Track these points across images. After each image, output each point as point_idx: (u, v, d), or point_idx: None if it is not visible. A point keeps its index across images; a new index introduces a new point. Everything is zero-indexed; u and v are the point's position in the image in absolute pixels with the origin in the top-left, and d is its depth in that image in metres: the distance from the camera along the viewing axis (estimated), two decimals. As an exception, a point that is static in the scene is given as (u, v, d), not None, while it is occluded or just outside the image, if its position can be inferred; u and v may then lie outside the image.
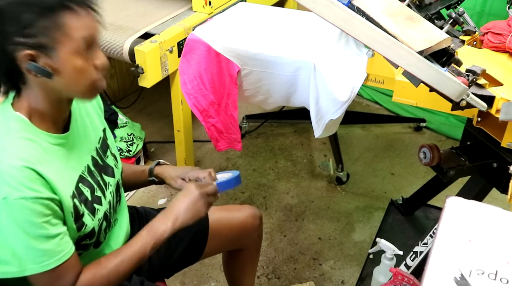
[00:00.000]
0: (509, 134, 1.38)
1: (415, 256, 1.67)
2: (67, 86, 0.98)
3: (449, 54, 1.08)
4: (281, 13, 2.08)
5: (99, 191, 1.11)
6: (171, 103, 2.15)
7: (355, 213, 2.28)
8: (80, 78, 0.97)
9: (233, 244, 1.48)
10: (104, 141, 1.19)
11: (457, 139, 2.63)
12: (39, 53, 0.92)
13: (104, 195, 1.13)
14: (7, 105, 1.01)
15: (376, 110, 3.01)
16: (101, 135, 1.18)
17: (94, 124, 1.17)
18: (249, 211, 1.47)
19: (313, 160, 2.61)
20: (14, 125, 0.98)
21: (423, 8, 1.44)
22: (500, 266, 0.82)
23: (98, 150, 1.15)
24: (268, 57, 1.77)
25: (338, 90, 1.65)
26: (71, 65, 0.95)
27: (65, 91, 0.99)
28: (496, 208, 0.92)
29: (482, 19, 2.46)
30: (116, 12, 2.15)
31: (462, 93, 1.08)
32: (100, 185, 1.12)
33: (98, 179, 1.12)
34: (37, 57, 0.93)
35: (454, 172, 1.48)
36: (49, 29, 0.91)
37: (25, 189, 0.92)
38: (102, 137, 1.19)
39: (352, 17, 1.03)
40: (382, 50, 1.05)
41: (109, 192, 1.16)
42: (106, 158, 1.18)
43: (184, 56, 1.87)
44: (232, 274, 1.59)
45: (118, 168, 1.22)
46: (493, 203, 0.94)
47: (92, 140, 1.15)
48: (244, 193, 2.38)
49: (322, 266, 2.03)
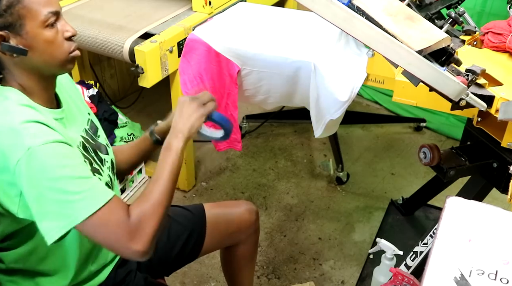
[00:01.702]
0: (509, 134, 1.37)
1: (415, 256, 1.67)
2: (44, 61, 1.01)
3: (448, 53, 1.07)
4: (281, 13, 2.08)
5: (96, 165, 1.12)
6: (171, 103, 2.15)
7: (355, 213, 2.28)
8: (53, 51, 1.00)
9: (230, 239, 1.49)
10: (92, 122, 1.21)
11: (457, 139, 2.63)
12: (9, 33, 0.96)
13: (102, 169, 1.14)
14: None
15: (376, 110, 3.01)
16: (88, 117, 1.21)
17: (78, 106, 1.19)
18: (246, 206, 1.49)
19: (313, 160, 2.61)
20: (12, 95, 1.00)
21: (423, 8, 1.43)
22: (500, 266, 0.82)
23: (87, 131, 1.17)
24: (268, 57, 1.77)
25: (338, 90, 1.65)
26: (42, 38, 0.98)
27: (44, 66, 1.02)
28: (496, 208, 0.92)
29: (482, 19, 2.46)
30: (116, 12, 2.15)
31: (461, 92, 1.08)
32: (95, 160, 1.13)
33: (93, 155, 1.13)
34: (7, 37, 0.96)
35: (454, 172, 1.48)
36: (11, 7, 0.94)
37: (44, 135, 0.94)
38: (90, 119, 1.21)
39: (351, 16, 1.03)
40: (381, 50, 1.05)
41: (106, 168, 1.17)
42: (97, 137, 1.20)
43: (184, 56, 1.87)
44: (230, 271, 1.60)
45: (110, 147, 1.24)
46: (493, 203, 0.94)
47: (80, 121, 1.16)
48: (244, 193, 2.38)
49: (322, 266, 2.03)
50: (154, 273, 1.37)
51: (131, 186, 2.35)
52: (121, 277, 1.25)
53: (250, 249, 1.54)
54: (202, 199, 2.35)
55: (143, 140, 1.35)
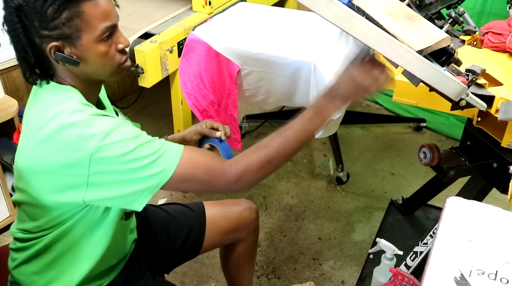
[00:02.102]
0: (509, 134, 1.37)
1: (415, 256, 1.67)
2: (94, 71, 1.05)
3: (448, 53, 1.07)
4: (281, 13, 2.08)
5: None
6: (171, 103, 2.15)
7: (355, 213, 2.28)
8: (105, 63, 1.04)
9: (230, 237, 1.49)
10: None
11: (457, 139, 2.62)
12: (64, 43, 0.99)
13: None
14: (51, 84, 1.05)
15: (376, 110, 3.01)
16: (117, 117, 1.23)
17: (110, 108, 1.25)
18: (245, 205, 1.50)
19: (313, 160, 2.61)
20: (75, 96, 1.04)
21: (423, 8, 1.43)
22: (500, 266, 0.82)
23: None
24: (268, 57, 1.77)
25: (338, 90, 1.64)
26: (95, 51, 1.01)
27: (93, 74, 1.06)
28: (496, 208, 0.92)
29: (482, 19, 2.46)
30: (116, 12, 2.15)
31: (461, 92, 1.08)
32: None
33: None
34: (63, 47, 0.99)
35: (454, 172, 1.48)
36: (71, 20, 0.97)
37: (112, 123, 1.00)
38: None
39: (351, 16, 1.03)
40: (381, 49, 1.05)
41: None
42: None
43: (184, 56, 1.87)
44: (230, 269, 1.60)
45: None
46: (493, 203, 0.94)
47: None
48: (244, 193, 2.38)
49: (322, 266, 2.03)
50: (154, 271, 1.37)
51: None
52: (132, 274, 1.27)
53: (249, 247, 1.54)
54: (202, 199, 2.33)
55: None
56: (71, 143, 0.97)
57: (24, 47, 0.99)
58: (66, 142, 0.97)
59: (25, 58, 1.01)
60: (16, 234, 1.15)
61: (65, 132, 0.97)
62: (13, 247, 1.17)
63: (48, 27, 0.97)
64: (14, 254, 1.17)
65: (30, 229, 1.12)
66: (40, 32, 0.97)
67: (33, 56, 1.00)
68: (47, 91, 1.04)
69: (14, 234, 1.16)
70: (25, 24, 0.97)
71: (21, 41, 0.99)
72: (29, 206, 1.09)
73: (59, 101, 1.02)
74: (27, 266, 1.14)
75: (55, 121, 0.98)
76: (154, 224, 1.40)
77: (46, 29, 0.97)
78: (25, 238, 1.13)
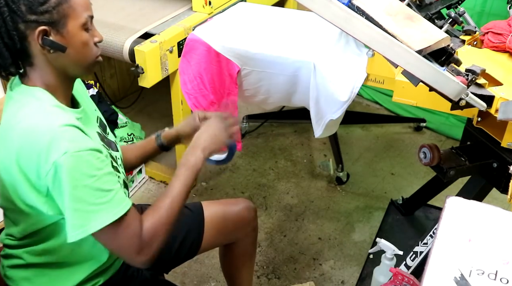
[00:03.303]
0: (509, 134, 1.37)
1: (415, 256, 1.67)
2: (76, 61, 1.05)
3: (448, 53, 1.08)
4: (281, 13, 2.08)
5: (114, 162, 1.15)
6: (171, 103, 2.15)
7: (355, 213, 2.28)
8: (85, 53, 1.05)
9: (229, 237, 1.49)
10: (100, 120, 1.23)
11: (457, 139, 2.63)
12: (51, 29, 0.99)
13: (118, 166, 1.17)
14: (19, 85, 1.05)
15: (376, 110, 3.01)
16: (96, 115, 1.23)
17: (88, 105, 1.21)
18: (244, 204, 1.49)
19: (313, 160, 2.61)
20: (42, 96, 1.03)
21: (423, 8, 1.43)
22: (500, 266, 0.82)
23: (98, 128, 1.19)
24: (268, 57, 1.77)
25: (338, 90, 1.65)
26: (79, 39, 1.03)
27: (73, 66, 1.06)
28: (496, 208, 0.92)
29: (482, 19, 2.46)
30: (116, 12, 2.15)
31: (461, 92, 1.08)
32: (112, 157, 1.16)
33: (109, 152, 1.16)
34: (49, 33, 1.00)
35: (454, 172, 1.48)
36: (60, 4, 0.99)
37: (80, 142, 0.98)
38: (98, 116, 1.23)
39: (350, 16, 1.03)
40: (380, 49, 1.05)
41: (119, 165, 1.20)
42: (107, 135, 1.22)
43: (184, 56, 1.87)
44: (229, 269, 1.60)
45: (118, 144, 1.27)
46: (493, 203, 0.94)
47: (92, 119, 1.19)
48: (244, 193, 2.38)
49: (322, 266, 2.03)
50: (153, 271, 1.37)
51: (131, 186, 2.35)
52: (130, 273, 1.27)
53: (249, 247, 1.54)
54: (202, 199, 2.33)
55: (148, 143, 1.38)
56: (35, 149, 0.96)
57: (10, 32, 0.98)
58: (31, 148, 0.96)
59: (8, 45, 0.99)
60: (4, 240, 1.16)
61: (31, 137, 0.97)
62: (3, 253, 1.17)
63: (37, 12, 0.97)
64: (4, 261, 1.17)
65: (15, 234, 1.12)
66: (27, 16, 0.97)
67: (18, 41, 0.99)
68: (18, 93, 1.04)
69: (2, 240, 1.17)
70: (11, 8, 0.96)
71: (7, 26, 0.97)
72: (9, 211, 1.10)
73: (28, 104, 1.01)
74: (17, 272, 1.15)
75: (23, 123, 0.98)
76: None
77: (35, 13, 0.97)
78: (12, 244, 1.13)
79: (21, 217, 1.07)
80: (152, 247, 1.05)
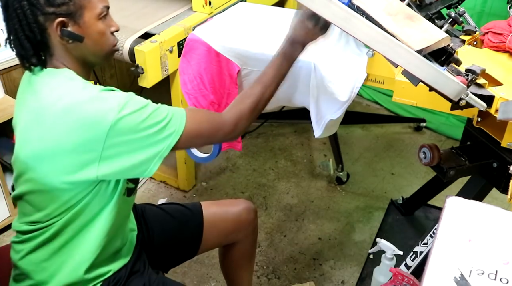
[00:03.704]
0: (509, 134, 1.37)
1: (415, 256, 1.67)
2: (93, 50, 1.10)
3: (448, 53, 1.07)
4: (281, 13, 2.08)
5: None
6: (171, 103, 2.15)
7: (355, 213, 2.28)
8: (103, 42, 1.11)
9: (228, 237, 1.49)
10: None
11: (457, 140, 2.62)
12: (69, 20, 1.04)
13: None
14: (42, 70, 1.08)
15: (376, 110, 3.01)
16: None
17: None
18: (244, 205, 1.49)
19: (313, 160, 2.61)
20: (72, 75, 1.07)
21: (423, 8, 1.43)
22: (500, 266, 0.82)
23: None
24: (268, 57, 1.75)
25: (338, 90, 1.64)
26: (96, 29, 1.08)
27: (91, 55, 1.11)
28: (496, 208, 0.92)
29: (482, 19, 2.46)
30: (116, 12, 2.14)
31: (461, 92, 1.08)
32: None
33: None
34: (67, 24, 1.05)
35: (454, 172, 1.48)
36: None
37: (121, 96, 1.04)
38: None
39: (350, 15, 1.03)
40: (380, 49, 1.05)
41: None
42: None
43: (184, 56, 1.87)
44: (228, 270, 1.60)
45: None
46: (493, 203, 0.94)
47: None
48: (244, 193, 2.38)
49: (322, 266, 2.03)
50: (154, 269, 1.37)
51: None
52: (136, 268, 1.27)
53: (248, 248, 1.54)
54: (202, 199, 2.35)
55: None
56: (87, 119, 1.00)
57: (30, 24, 1.02)
58: (81, 119, 1.00)
59: (29, 37, 1.03)
60: (21, 227, 1.14)
61: (78, 109, 1.00)
62: (17, 240, 1.16)
63: (54, 4, 1.02)
64: (18, 245, 1.16)
65: (38, 220, 1.11)
66: (46, 9, 1.01)
67: (38, 33, 1.03)
68: (45, 76, 1.07)
69: (17, 228, 1.16)
70: (30, 2, 1.01)
71: (28, 19, 1.02)
72: (36, 195, 1.09)
73: (62, 83, 1.05)
74: (35, 254, 1.14)
75: (64, 100, 1.01)
76: (152, 224, 1.40)
77: (53, 5, 1.02)
78: (31, 229, 1.13)
79: (51, 198, 1.07)
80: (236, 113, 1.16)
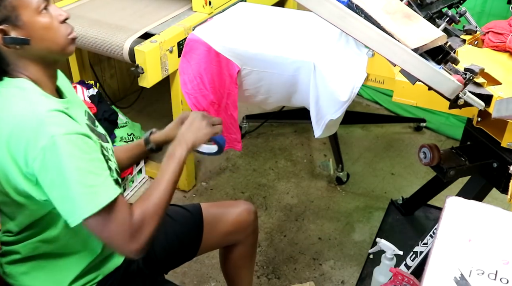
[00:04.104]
0: (509, 134, 1.37)
1: (415, 256, 1.67)
2: (46, 47, 1.04)
3: (445, 52, 1.07)
4: (281, 13, 2.08)
5: (105, 152, 1.15)
6: (171, 103, 2.15)
7: (355, 213, 2.28)
8: (53, 35, 1.04)
9: (228, 239, 1.49)
10: (88, 113, 1.23)
11: (457, 139, 2.62)
12: (8, 25, 0.99)
13: (110, 156, 1.17)
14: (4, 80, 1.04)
15: (376, 110, 3.01)
16: (85, 109, 1.23)
17: (74, 97, 1.21)
18: (244, 206, 1.49)
19: (313, 160, 2.61)
20: (27, 85, 1.03)
21: (424, 7, 1.43)
22: (500, 266, 0.81)
23: (87, 121, 1.19)
24: (268, 57, 1.76)
25: (338, 90, 1.64)
26: (39, 25, 1.02)
27: (46, 53, 1.05)
28: (496, 208, 0.92)
29: (482, 19, 2.46)
30: (116, 12, 2.15)
31: (456, 90, 1.07)
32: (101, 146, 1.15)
33: (99, 141, 1.15)
34: (7, 31, 1.00)
35: (454, 172, 1.48)
36: (3, 0, 0.98)
37: (68, 125, 0.98)
38: (85, 110, 1.23)
39: (345, 14, 1.03)
40: (377, 47, 1.05)
41: (111, 155, 1.19)
42: (96, 127, 1.22)
43: (184, 56, 1.87)
44: (229, 271, 1.60)
45: (108, 136, 1.27)
46: (493, 203, 0.93)
47: (80, 111, 1.18)
48: (244, 193, 2.38)
49: (322, 266, 2.03)
50: (152, 271, 1.37)
51: (131, 186, 2.35)
52: (130, 270, 1.27)
53: (248, 249, 1.54)
54: (202, 199, 2.35)
55: (137, 146, 1.39)
56: (23, 138, 0.96)
57: None
58: (16, 136, 0.97)
59: None
60: (2, 237, 1.16)
61: (15, 126, 0.97)
62: (1, 251, 1.17)
63: None
64: (2, 258, 1.17)
65: (12, 229, 1.12)
66: None
67: None
68: (2, 87, 1.04)
69: (0, 238, 1.17)
70: None
71: None
72: (5, 205, 1.10)
73: (13, 94, 1.02)
74: (15, 267, 1.15)
75: (8, 114, 0.99)
76: None
77: None
78: (9, 241, 1.13)
79: (17, 209, 1.07)
80: (143, 235, 1.04)
